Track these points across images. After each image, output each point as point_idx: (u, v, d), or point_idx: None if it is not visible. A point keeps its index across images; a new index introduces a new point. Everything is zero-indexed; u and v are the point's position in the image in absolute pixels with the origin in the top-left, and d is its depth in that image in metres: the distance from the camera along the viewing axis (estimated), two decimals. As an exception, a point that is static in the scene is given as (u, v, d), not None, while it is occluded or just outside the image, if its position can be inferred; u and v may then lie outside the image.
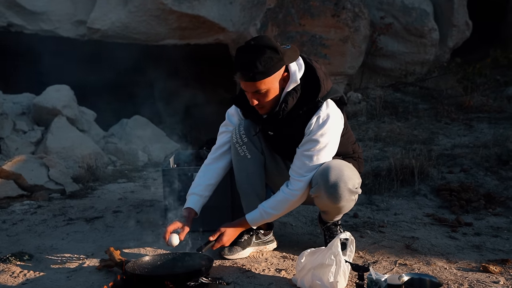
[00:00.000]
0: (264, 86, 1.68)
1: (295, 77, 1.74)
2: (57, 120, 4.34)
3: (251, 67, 1.63)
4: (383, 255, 1.98)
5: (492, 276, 1.75)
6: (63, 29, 5.35)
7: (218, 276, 1.73)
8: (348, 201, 1.78)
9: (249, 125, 1.92)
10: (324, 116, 1.73)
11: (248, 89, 1.71)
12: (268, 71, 1.66)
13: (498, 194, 2.72)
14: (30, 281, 1.75)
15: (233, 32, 5.20)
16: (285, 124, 1.79)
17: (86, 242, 2.21)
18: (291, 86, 1.74)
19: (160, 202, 2.80)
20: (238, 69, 1.68)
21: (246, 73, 1.65)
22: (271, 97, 1.73)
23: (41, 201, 3.00)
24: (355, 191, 1.77)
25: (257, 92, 1.70)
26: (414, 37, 5.22)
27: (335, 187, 1.71)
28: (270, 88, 1.70)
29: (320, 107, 1.73)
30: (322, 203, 1.82)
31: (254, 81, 1.66)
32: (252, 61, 1.63)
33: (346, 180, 1.72)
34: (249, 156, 1.90)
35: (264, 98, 1.72)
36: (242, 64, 1.66)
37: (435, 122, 4.22)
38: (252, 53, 1.65)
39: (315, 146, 1.74)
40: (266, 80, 1.67)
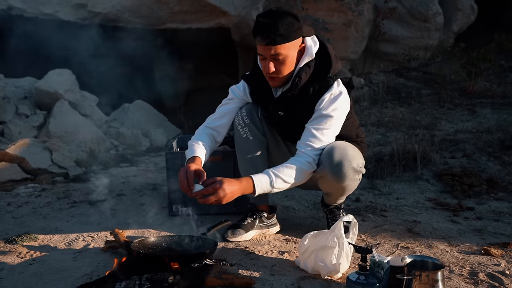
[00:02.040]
0: (283, 51, 1.66)
1: (311, 50, 1.73)
2: (59, 104, 4.34)
3: (272, 29, 1.62)
4: (385, 238, 2.00)
5: (493, 259, 1.77)
6: (63, 13, 5.29)
7: (221, 258, 1.75)
8: (353, 180, 1.79)
9: (251, 108, 1.92)
10: (336, 92, 1.73)
11: (267, 54, 1.68)
12: (289, 35, 1.65)
13: (501, 179, 2.73)
14: (37, 262, 1.78)
15: (234, 16, 5.14)
16: (296, 103, 1.78)
17: (91, 225, 2.23)
18: (306, 60, 1.73)
19: (163, 186, 2.82)
20: (258, 33, 1.64)
21: (267, 35, 1.62)
22: (288, 65, 1.71)
23: (45, 184, 3.02)
24: (359, 170, 1.78)
25: (276, 58, 1.68)
26: (418, 22, 5.16)
27: (339, 166, 1.72)
28: (288, 55, 1.68)
29: (332, 84, 1.73)
30: (327, 184, 1.82)
31: (274, 45, 1.64)
32: (273, 23, 1.62)
33: (350, 159, 1.73)
34: (251, 137, 1.90)
35: (281, 66, 1.70)
36: (263, 27, 1.63)
37: (438, 107, 4.20)
38: (273, 17, 1.63)
39: (327, 120, 1.72)
40: (286, 45, 1.66)
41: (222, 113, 1.93)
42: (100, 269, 1.68)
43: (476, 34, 5.38)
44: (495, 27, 5.48)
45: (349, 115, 1.86)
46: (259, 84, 1.86)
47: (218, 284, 1.50)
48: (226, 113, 1.94)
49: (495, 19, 5.71)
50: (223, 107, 1.96)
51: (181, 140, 2.73)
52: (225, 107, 1.95)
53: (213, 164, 2.35)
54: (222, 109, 1.95)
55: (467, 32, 5.49)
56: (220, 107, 1.97)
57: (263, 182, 1.64)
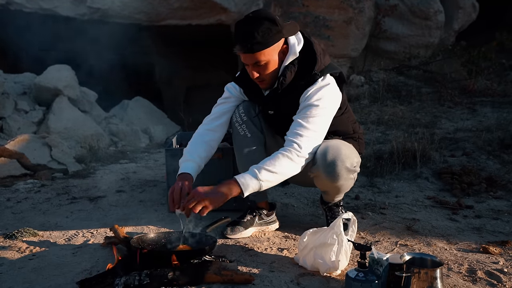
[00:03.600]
0: (263, 57, 1.67)
1: (294, 49, 1.73)
2: (59, 100, 4.33)
3: (249, 38, 1.62)
4: (384, 236, 2.00)
5: (492, 257, 1.78)
6: (62, 8, 5.27)
7: (221, 255, 1.76)
8: (347, 180, 1.79)
9: (248, 106, 1.93)
10: (321, 85, 1.71)
11: (248, 61, 1.69)
12: (266, 42, 1.64)
13: (500, 178, 2.73)
14: (36, 257, 1.78)
15: (235, 12, 5.13)
16: (284, 101, 1.79)
17: (90, 220, 2.24)
18: (290, 59, 1.73)
19: (163, 182, 2.81)
20: (237, 41, 1.66)
21: (244, 44, 1.64)
22: (271, 70, 1.71)
23: (44, 180, 3.02)
24: (353, 169, 1.78)
25: (257, 64, 1.69)
26: (419, 19, 5.15)
27: (332, 165, 1.72)
28: (270, 60, 1.69)
29: (317, 80, 1.72)
30: (321, 183, 1.83)
31: (252, 52, 1.65)
32: (250, 31, 1.62)
33: (344, 158, 1.73)
34: (249, 135, 1.90)
35: (264, 71, 1.71)
36: (240, 36, 1.64)
37: (438, 106, 4.20)
38: (250, 24, 1.63)
39: (312, 109, 1.67)
40: (265, 51, 1.66)
41: (220, 112, 1.93)
42: (99, 264, 1.68)
43: (477, 33, 5.37)
44: (496, 25, 5.46)
45: (344, 109, 1.86)
46: (249, 85, 1.87)
47: (218, 281, 1.51)
48: (223, 113, 1.93)
49: (496, 18, 5.70)
50: (219, 106, 1.95)
51: (180, 136, 2.72)
52: (222, 106, 1.95)
53: (213, 161, 2.35)
54: (219, 109, 1.94)
55: (468, 30, 5.49)
56: (216, 106, 1.96)
57: (247, 178, 1.58)
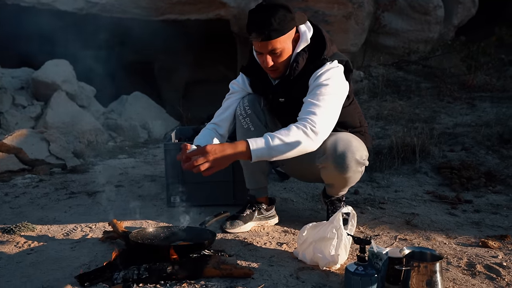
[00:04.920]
0: (279, 45, 1.67)
1: (306, 36, 1.74)
2: (57, 95, 4.31)
3: (266, 24, 1.61)
4: (383, 230, 2.00)
5: (491, 251, 1.78)
6: (60, 2, 5.23)
7: (220, 249, 1.75)
8: (355, 173, 1.79)
9: (253, 99, 1.92)
10: (330, 67, 1.71)
11: (263, 50, 1.68)
12: (283, 28, 1.65)
13: (499, 172, 2.73)
14: (35, 251, 1.77)
15: (234, 7, 5.10)
16: (295, 87, 1.78)
17: (89, 215, 2.23)
18: (302, 46, 1.74)
19: (162, 177, 2.81)
20: (253, 29, 1.64)
21: (261, 31, 1.62)
22: (285, 57, 1.72)
23: (42, 175, 3.01)
24: (362, 162, 1.77)
25: (272, 52, 1.68)
26: (419, 14, 5.13)
27: (342, 157, 1.72)
28: (284, 47, 1.69)
29: (325, 63, 1.72)
30: (329, 174, 1.82)
31: (269, 40, 1.64)
32: (267, 19, 1.61)
33: (354, 150, 1.73)
34: (253, 128, 1.89)
35: (278, 59, 1.71)
36: (256, 23, 1.63)
37: (437, 101, 4.20)
38: (266, 12, 1.63)
39: (321, 89, 1.65)
40: (281, 38, 1.66)
41: (224, 107, 1.95)
42: (98, 259, 1.68)
43: (477, 28, 5.36)
44: (495, 20, 5.45)
45: (351, 100, 1.87)
46: (257, 75, 1.87)
47: (217, 275, 1.50)
48: (228, 107, 1.95)
49: (496, 13, 5.68)
50: (225, 102, 1.97)
51: (179, 131, 2.72)
52: (227, 101, 1.97)
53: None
54: (224, 104, 1.97)
55: (467, 25, 5.47)
56: (224, 101, 1.99)
57: (258, 143, 1.51)
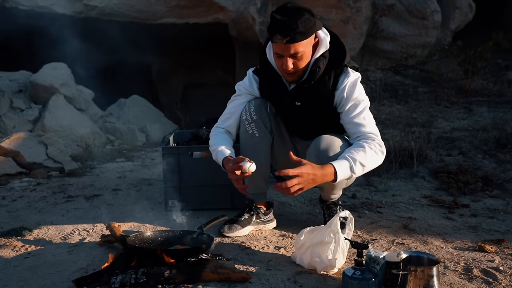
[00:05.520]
0: (301, 48, 1.68)
1: (326, 42, 1.75)
2: (55, 99, 4.31)
3: (292, 27, 1.61)
4: (381, 235, 2.01)
5: (487, 255, 1.78)
6: (59, 6, 5.24)
7: (217, 253, 1.75)
8: None
9: (260, 104, 1.91)
10: (354, 77, 1.77)
11: (285, 52, 1.68)
12: (307, 32, 1.66)
13: (496, 177, 2.74)
14: (32, 255, 1.77)
15: (232, 11, 5.12)
16: (313, 92, 1.79)
17: (86, 219, 2.23)
18: (321, 51, 1.75)
19: (160, 181, 2.81)
20: (277, 31, 1.63)
21: (286, 33, 1.62)
22: (306, 62, 1.73)
23: (40, 179, 3.00)
24: None
25: (294, 56, 1.69)
26: (416, 19, 5.15)
27: (324, 153, 1.74)
28: (306, 51, 1.70)
29: (347, 71, 1.77)
30: None
31: (294, 42, 1.64)
32: (293, 21, 1.62)
33: (336, 149, 1.75)
34: (257, 134, 1.89)
35: (299, 63, 1.71)
36: (282, 25, 1.62)
37: (434, 105, 4.21)
38: (291, 14, 1.63)
39: (360, 106, 1.75)
40: (304, 42, 1.67)
41: (230, 112, 1.94)
42: (95, 263, 1.67)
43: (474, 33, 5.39)
44: (492, 25, 5.48)
45: None
46: (271, 78, 1.85)
47: (214, 279, 1.50)
48: (233, 112, 1.94)
49: (493, 18, 5.72)
50: (231, 104, 1.96)
51: (177, 135, 2.72)
52: (232, 104, 1.95)
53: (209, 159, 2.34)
54: (229, 108, 1.95)
55: (464, 30, 5.50)
56: (229, 103, 1.98)
57: (343, 166, 1.61)
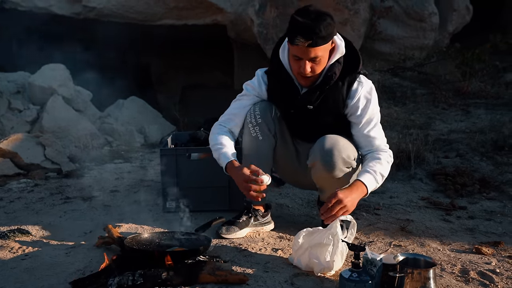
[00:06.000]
0: (321, 52, 1.68)
1: (341, 48, 1.76)
2: (53, 99, 4.30)
3: (314, 31, 1.62)
4: (378, 237, 2.01)
5: (484, 258, 1.79)
6: (57, 7, 5.24)
7: (215, 255, 1.75)
8: (342, 172, 1.80)
9: (266, 107, 1.90)
10: (368, 86, 1.81)
11: (305, 56, 1.68)
12: (328, 37, 1.67)
13: (493, 179, 2.75)
14: (29, 257, 1.77)
15: (231, 13, 5.12)
16: (326, 97, 1.80)
17: (84, 220, 2.22)
18: (337, 57, 1.76)
19: (157, 182, 2.80)
20: (299, 33, 1.63)
21: (309, 37, 1.62)
22: (323, 67, 1.74)
23: (37, 180, 3.00)
24: (349, 161, 1.79)
25: (313, 59, 1.69)
26: (414, 21, 5.17)
27: (329, 154, 1.76)
28: (324, 55, 1.71)
29: (361, 79, 1.80)
30: (318, 174, 1.84)
31: (315, 46, 1.65)
32: (316, 25, 1.62)
33: (341, 149, 1.77)
34: (261, 137, 1.88)
35: (317, 67, 1.72)
36: (304, 28, 1.62)
37: (432, 107, 4.22)
38: (314, 18, 1.63)
39: (375, 119, 1.82)
40: (324, 47, 1.68)
41: (234, 113, 1.92)
42: (93, 264, 1.67)
43: (471, 35, 5.40)
44: (490, 28, 5.50)
45: None
46: (282, 80, 1.85)
47: (212, 281, 1.50)
48: (237, 114, 1.92)
49: (490, 20, 5.74)
50: (236, 103, 1.94)
51: (175, 136, 2.72)
52: (237, 103, 1.93)
53: (207, 160, 2.35)
54: (234, 108, 1.93)
55: (462, 32, 5.52)
56: (233, 102, 1.95)
57: (371, 181, 1.72)
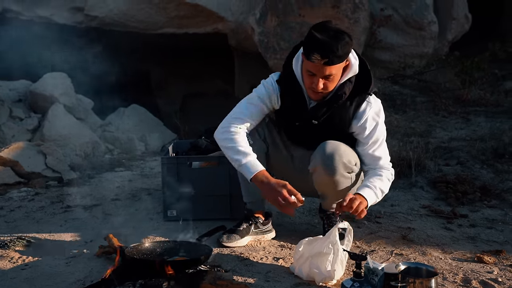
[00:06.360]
0: (335, 71, 1.69)
1: (355, 67, 1.76)
2: (54, 108, 4.31)
3: (332, 50, 1.62)
4: (379, 245, 2.01)
5: (486, 266, 1.78)
6: (59, 16, 5.28)
7: (216, 264, 1.75)
8: (343, 177, 1.80)
9: None
10: (377, 110, 1.82)
11: (320, 73, 1.68)
12: (344, 56, 1.68)
13: (494, 187, 2.75)
14: (29, 267, 1.76)
15: (232, 21, 5.16)
16: (333, 114, 1.81)
17: (85, 229, 2.22)
18: (349, 75, 1.76)
19: (159, 191, 2.80)
20: (316, 50, 1.63)
21: (326, 55, 1.63)
22: (336, 83, 1.75)
23: (38, 189, 3.00)
24: (350, 166, 1.80)
25: (327, 77, 1.70)
26: (413, 30, 5.20)
27: (330, 158, 1.77)
28: (338, 73, 1.72)
29: (369, 100, 1.81)
30: (319, 179, 1.84)
31: (331, 65, 1.66)
32: (334, 44, 1.62)
33: (342, 154, 1.78)
34: (251, 141, 1.90)
35: (329, 84, 1.73)
36: (323, 45, 1.62)
37: (432, 115, 4.24)
38: (333, 37, 1.63)
39: (381, 139, 1.84)
40: (339, 65, 1.69)
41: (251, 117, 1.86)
42: (93, 274, 1.67)
43: (471, 43, 5.43)
44: (489, 36, 5.53)
45: None
46: (292, 91, 1.85)
47: (213, 291, 1.50)
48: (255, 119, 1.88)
49: (489, 29, 5.78)
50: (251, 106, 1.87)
51: (176, 145, 2.72)
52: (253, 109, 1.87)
53: (209, 169, 2.35)
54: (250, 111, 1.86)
55: (461, 41, 5.55)
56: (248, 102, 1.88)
57: (372, 197, 1.75)
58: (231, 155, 1.79)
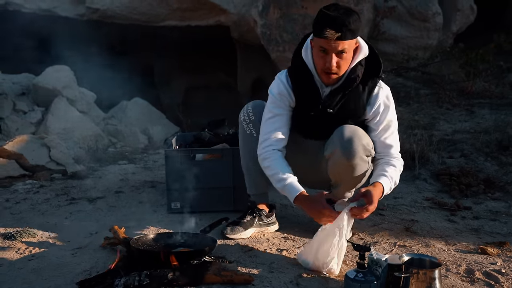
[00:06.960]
0: (348, 47, 1.68)
1: (365, 49, 1.77)
2: (57, 101, 4.32)
3: (345, 23, 1.62)
4: (382, 237, 2.01)
5: (489, 258, 1.79)
6: (61, 9, 5.27)
7: (220, 255, 1.76)
8: (362, 160, 1.78)
9: (258, 105, 1.93)
10: (386, 92, 1.82)
11: (333, 49, 1.67)
12: (356, 31, 1.68)
13: (498, 179, 2.74)
14: (36, 257, 1.78)
15: (234, 14, 5.13)
16: (347, 99, 1.81)
17: (90, 221, 2.24)
18: (360, 58, 1.76)
19: (162, 183, 2.82)
20: (328, 26, 1.63)
21: (338, 29, 1.62)
22: (347, 65, 1.75)
23: (43, 181, 3.02)
24: (368, 149, 1.79)
25: (340, 53, 1.69)
26: (418, 21, 5.15)
27: (350, 141, 1.75)
28: (350, 51, 1.72)
29: (381, 84, 1.81)
30: (336, 163, 1.81)
31: (344, 39, 1.65)
32: (345, 18, 1.63)
33: (361, 136, 1.78)
34: (255, 134, 1.90)
35: (342, 62, 1.71)
36: (334, 20, 1.63)
37: (436, 107, 4.21)
38: (342, 12, 1.65)
39: (392, 126, 1.84)
40: (351, 41, 1.68)
41: (281, 131, 1.84)
42: (99, 265, 1.68)
43: (475, 35, 5.38)
44: (494, 28, 5.48)
45: None
46: (304, 82, 1.83)
47: (217, 281, 1.51)
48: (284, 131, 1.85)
49: (494, 20, 5.72)
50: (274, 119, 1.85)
51: (180, 138, 2.73)
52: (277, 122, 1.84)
53: (213, 161, 2.36)
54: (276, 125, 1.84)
55: (466, 32, 5.49)
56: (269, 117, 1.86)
57: (388, 186, 1.75)
58: (276, 184, 1.82)
